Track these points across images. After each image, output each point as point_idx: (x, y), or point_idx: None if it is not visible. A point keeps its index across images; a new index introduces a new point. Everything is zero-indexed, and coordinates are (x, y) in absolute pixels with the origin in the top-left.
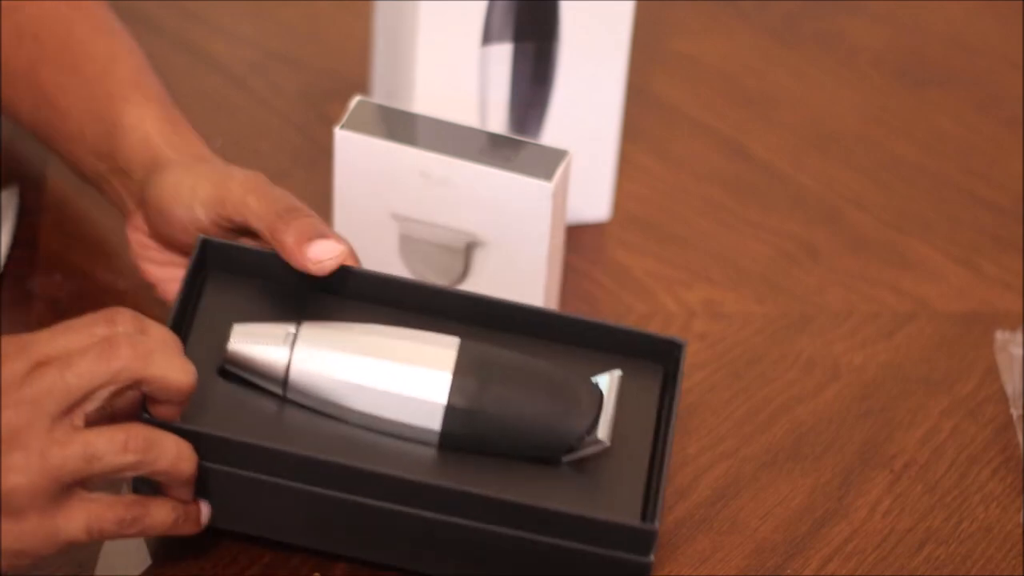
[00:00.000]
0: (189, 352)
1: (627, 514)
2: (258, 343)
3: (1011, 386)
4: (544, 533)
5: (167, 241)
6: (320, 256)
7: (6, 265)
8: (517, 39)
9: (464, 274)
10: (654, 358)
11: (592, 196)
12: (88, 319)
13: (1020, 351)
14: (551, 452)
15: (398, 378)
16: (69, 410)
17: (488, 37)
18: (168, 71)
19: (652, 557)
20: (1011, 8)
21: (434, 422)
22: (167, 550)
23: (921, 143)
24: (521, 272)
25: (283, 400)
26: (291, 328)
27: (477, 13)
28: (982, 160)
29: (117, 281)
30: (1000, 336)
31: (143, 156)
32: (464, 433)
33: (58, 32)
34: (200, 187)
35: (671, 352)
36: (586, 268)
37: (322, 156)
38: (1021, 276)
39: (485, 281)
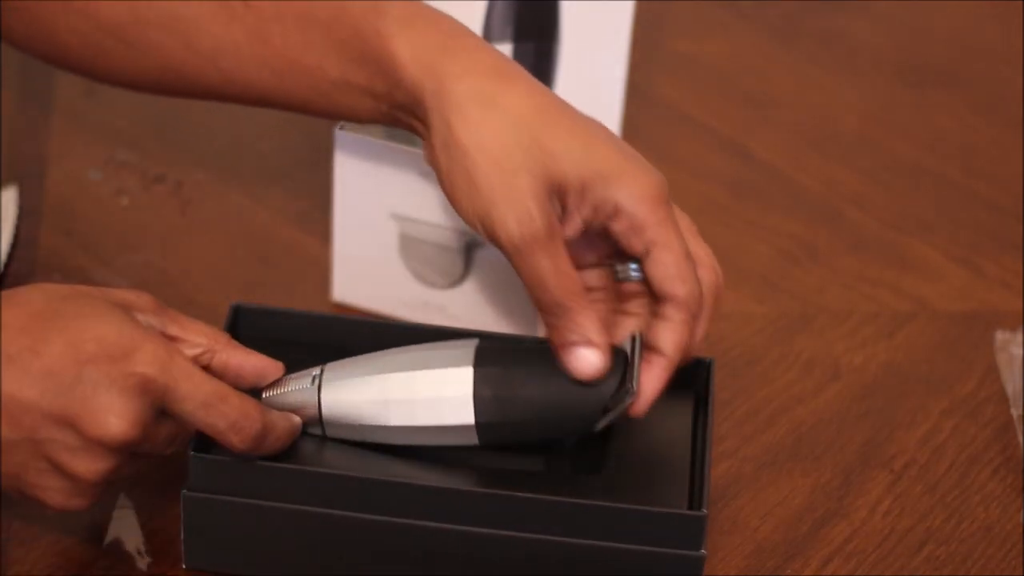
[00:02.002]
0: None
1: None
2: (288, 388)
3: (1011, 386)
4: (593, 536)
5: None
6: (581, 368)
7: (6, 265)
8: (517, 39)
9: (464, 274)
10: (682, 380)
11: None
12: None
13: (1020, 351)
14: (587, 418)
15: (423, 383)
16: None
17: (488, 37)
18: None
19: (704, 550)
20: (1011, 8)
21: (467, 416)
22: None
23: (921, 143)
24: None
25: (325, 440)
26: (315, 371)
27: (477, 13)
28: (982, 160)
29: (117, 281)
30: (1000, 336)
31: (421, 88)
32: (499, 420)
33: None
34: (471, 208)
35: (699, 372)
36: None
37: (322, 156)
38: (1021, 276)
39: (485, 281)
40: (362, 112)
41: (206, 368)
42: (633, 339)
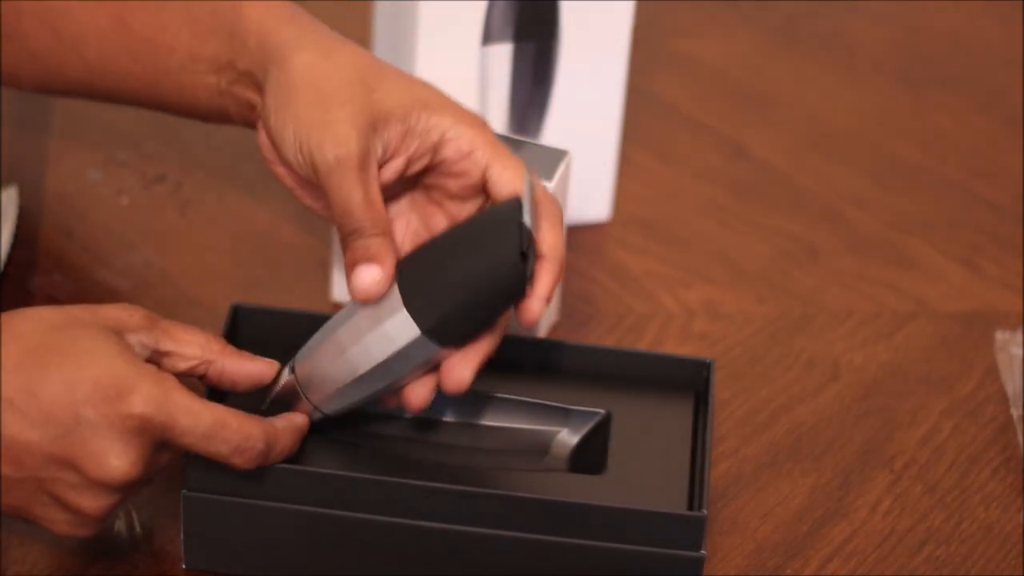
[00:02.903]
0: (231, 404)
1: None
2: (276, 387)
3: (1011, 386)
4: (592, 536)
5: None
6: (357, 281)
7: (6, 265)
8: (517, 39)
9: None
10: (682, 381)
11: (592, 196)
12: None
13: (1020, 351)
14: (509, 273)
15: (364, 322)
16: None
17: (488, 37)
18: None
19: (704, 551)
20: (1011, 8)
21: (412, 329)
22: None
23: (921, 143)
24: None
25: (325, 440)
26: (287, 368)
27: (477, 13)
28: (982, 160)
29: (117, 281)
30: (1000, 336)
31: (264, 48)
32: (440, 319)
33: None
34: (300, 129)
35: (699, 372)
36: (586, 268)
37: None
38: (1021, 276)
39: None
40: (202, 93)
41: (202, 378)
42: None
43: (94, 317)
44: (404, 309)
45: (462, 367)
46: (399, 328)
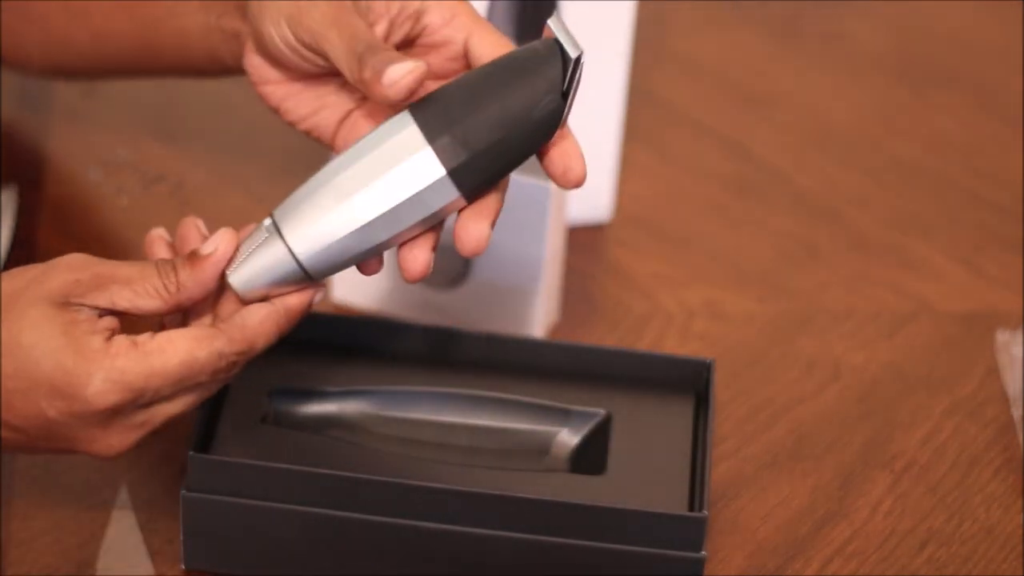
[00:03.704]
0: (230, 404)
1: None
2: (251, 259)
3: (1012, 386)
4: (593, 537)
5: (273, 58)
6: (392, 79)
7: (6, 265)
8: (518, 38)
9: (464, 275)
10: (683, 381)
11: (592, 196)
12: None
13: (1021, 351)
14: (549, 103)
15: (378, 163)
16: None
17: None
18: None
19: (704, 552)
20: (1011, 8)
21: (436, 168)
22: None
23: (922, 143)
24: (521, 273)
25: (325, 440)
26: (264, 223)
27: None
28: (983, 160)
29: None
30: (1001, 336)
31: None
32: (468, 157)
33: None
34: (284, 6)
35: (700, 373)
36: (586, 268)
37: (322, 155)
38: (1022, 276)
39: (485, 281)
40: (194, 36)
41: (177, 308)
42: (552, 21)
43: (40, 290)
44: (428, 146)
45: (477, 223)
46: (421, 168)
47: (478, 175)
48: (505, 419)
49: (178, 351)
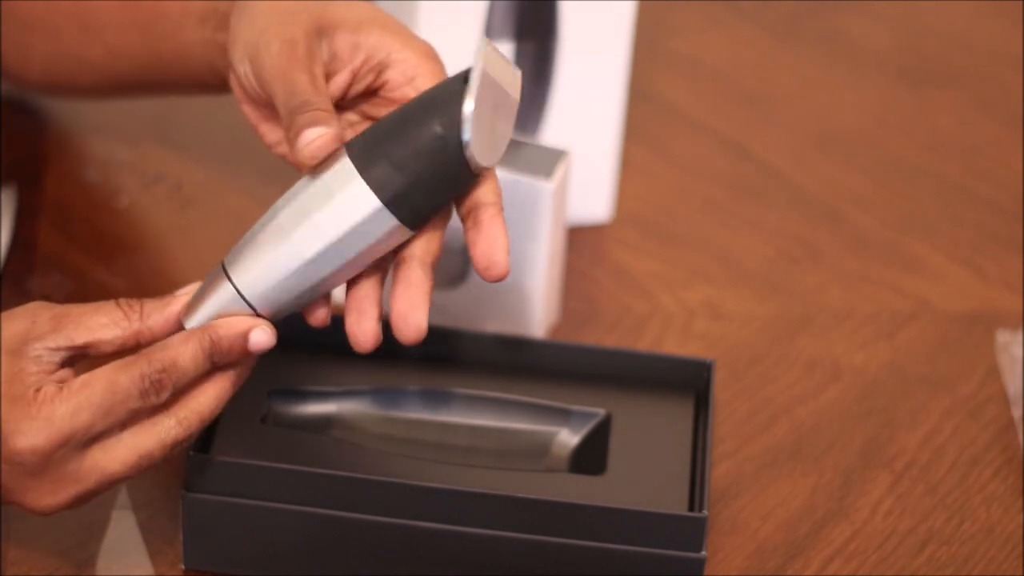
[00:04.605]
0: (230, 404)
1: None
2: (201, 301)
3: (1012, 386)
4: (593, 538)
5: (242, 88)
6: (304, 141)
7: (5, 265)
8: (518, 38)
9: (464, 275)
10: (683, 381)
11: (592, 196)
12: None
13: (1021, 351)
14: (452, 141)
15: (313, 199)
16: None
17: (489, 36)
18: None
19: (705, 552)
20: (1012, 8)
21: (370, 200)
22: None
23: (922, 143)
24: (521, 273)
25: (325, 440)
26: (216, 269)
27: (477, 12)
28: (983, 160)
29: (116, 282)
30: (1001, 337)
31: None
32: (400, 186)
33: None
34: (248, 45)
35: (700, 373)
36: (586, 268)
37: None
38: (1022, 276)
39: (485, 282)
40: (196, 50)
41: (137, 338)
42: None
43: None
44: (360, 179)
45: (414, 311)
46: (356, 200)
47: (413, 204)
48: (505, 419)
49: (99, 380)
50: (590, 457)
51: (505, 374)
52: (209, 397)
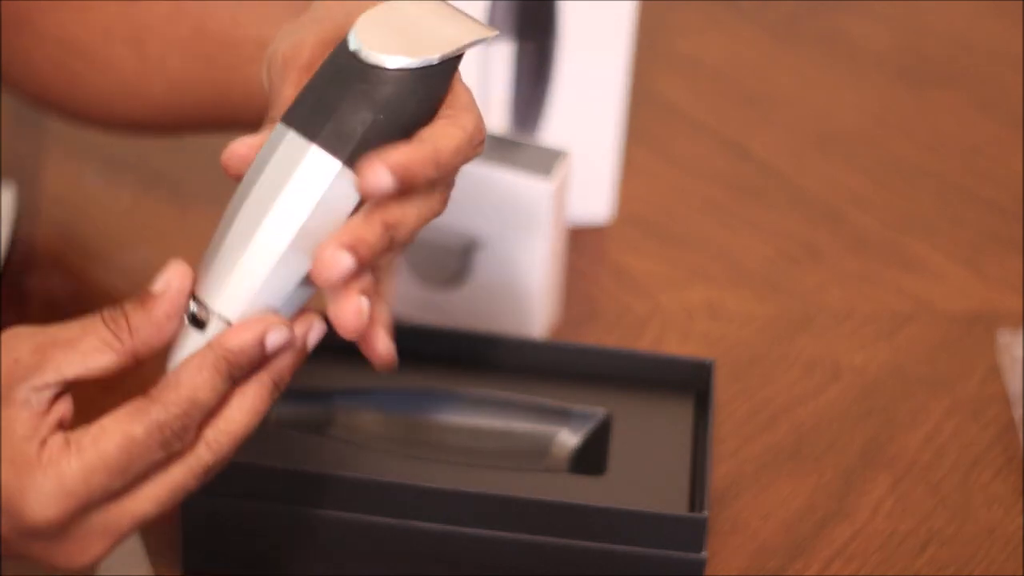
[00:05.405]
0: None
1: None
2: (181, 348)
3: (1013, 387)
4: (593, 538)
5: None
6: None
7: (5, 265)
8: (518, 38)
9: (464, 275)
10: (683, 381)
11: (593, 196)
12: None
13: (1022, 352)
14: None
15: (265, 190)
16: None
17: None
18: None
19: (705, 552)
20: (1012, 8)
21: (330, 165)
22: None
23: (922, 143)
24: (521, 273)
25: (325, 441)
26: (191, 308)
27: (478, 12)
28: (984, 160)
29: (116, 282)
30: (1002, 338)
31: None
32: (361, 140)
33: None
34: (271, 49)
35: (700, 373)
36: (587, 268)
37: None
38: (1022, 276)
39: (485, 282)
40: (260, 79)
41: (134, 359)
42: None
43: None
44: (313, 144)
45: (380, 341)
46: (315, 169)
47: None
48: (505, 419)
49: (112, 436)
50: (590, 457)
51: (505, 374)
52: (240, 412)
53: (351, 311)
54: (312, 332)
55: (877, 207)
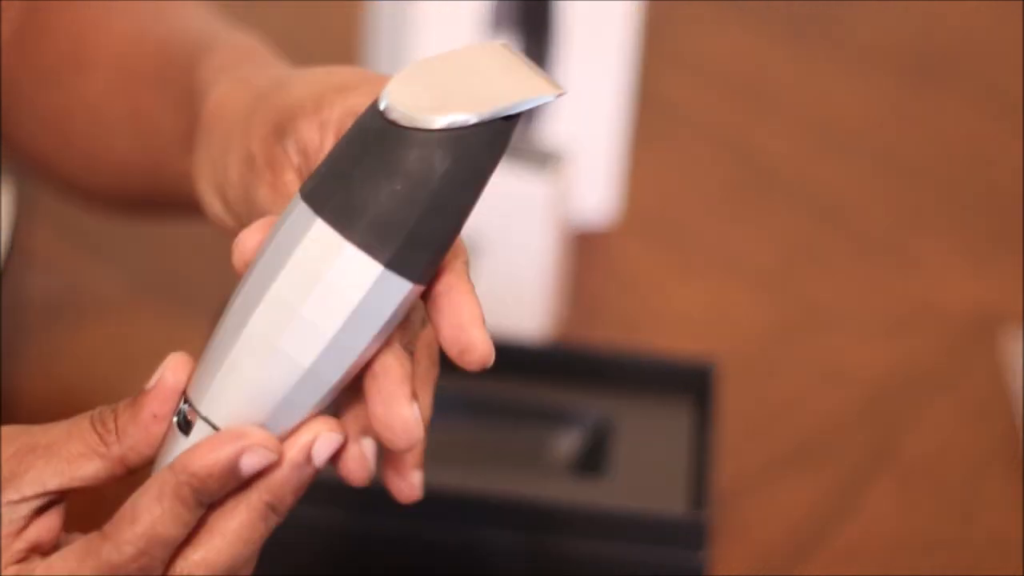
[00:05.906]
0: None
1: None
2: (165, 454)
3: (1016, 386)
4: (594, 539)
5: None
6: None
7: (5, 265)
8: (519, 37)
9: None
10: (684, 382)
11: (593, 196)
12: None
13: (1022, 351)
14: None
15: (288, 286)
16: None
17: (490, 35)
18: None
19: (708, 554)
20: (1012, 8)
21: (371, 267)
22: None
23: (924, 142)
24: (522, 273)
25: None
26: (183, 407)
27: (477, 12)
28: (985, 160)
29: (116, 282)
30: (1003, 338)
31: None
32: (401, 241)
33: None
34: (209, 179)
35: (701, 374)
36: (589, 269)
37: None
38: (1022, 276)
39: (486, 283)
40: (174, 144)
41: (123, 466)
42: None
43: None
44: (349, 245)
45: (408, 474)
46: (351, 272)
47: (419, 255)
48: (505, 420)
49: (77, 546)
50: (591, 458)
51: (505, 375)
52: (222, 539)
53: (408, 420)
54: (320, 445)
55: (880, 207)
